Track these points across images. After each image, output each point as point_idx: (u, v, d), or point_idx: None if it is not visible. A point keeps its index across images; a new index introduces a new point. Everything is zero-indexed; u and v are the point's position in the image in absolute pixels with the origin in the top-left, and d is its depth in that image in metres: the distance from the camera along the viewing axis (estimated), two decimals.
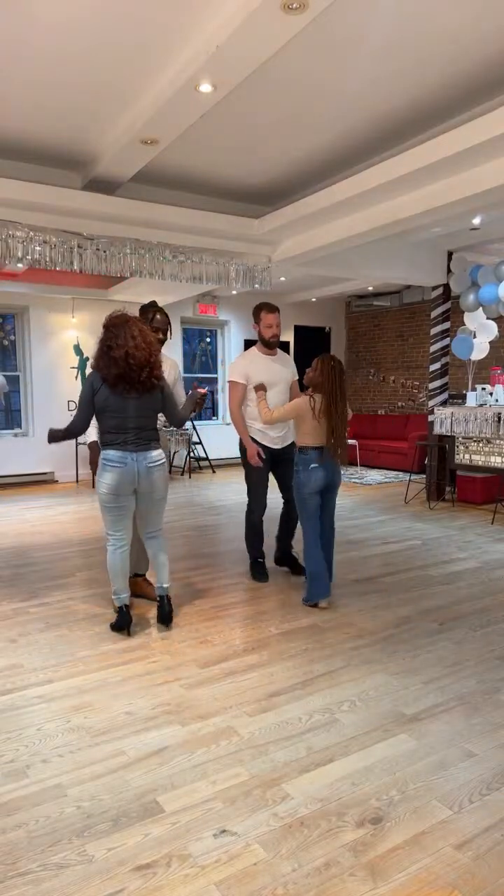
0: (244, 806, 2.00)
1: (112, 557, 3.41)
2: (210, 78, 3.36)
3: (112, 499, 3.29)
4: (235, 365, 4.25)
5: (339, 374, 3.76)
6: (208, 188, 5.54)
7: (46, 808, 2.01)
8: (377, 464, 9.99)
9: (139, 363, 3.18)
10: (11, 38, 3.25)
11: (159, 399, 3.37)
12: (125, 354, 3.15)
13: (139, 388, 3.25)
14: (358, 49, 3.36)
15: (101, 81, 3.70)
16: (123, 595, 3.42)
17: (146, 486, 3.32)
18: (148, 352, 3.22)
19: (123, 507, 3.33)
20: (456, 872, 1.72)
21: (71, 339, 9.27)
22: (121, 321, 3.23)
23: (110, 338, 3.20)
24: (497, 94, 3.93)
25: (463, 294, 6.92)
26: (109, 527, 3.39)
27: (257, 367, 4.20)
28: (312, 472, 3.78)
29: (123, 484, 3.27)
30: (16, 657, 3.15)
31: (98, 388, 3.27)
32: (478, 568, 4.59)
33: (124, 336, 3.17)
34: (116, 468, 3.25)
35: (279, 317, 4.28)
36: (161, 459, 3.38)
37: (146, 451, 3.32)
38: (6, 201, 4.85)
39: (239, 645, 3.26)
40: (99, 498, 3.35)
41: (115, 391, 3.24)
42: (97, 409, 3.30)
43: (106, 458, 3.29)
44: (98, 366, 3.24)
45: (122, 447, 3.27)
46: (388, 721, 2.50)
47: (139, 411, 3.29)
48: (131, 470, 3.27)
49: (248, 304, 10.50)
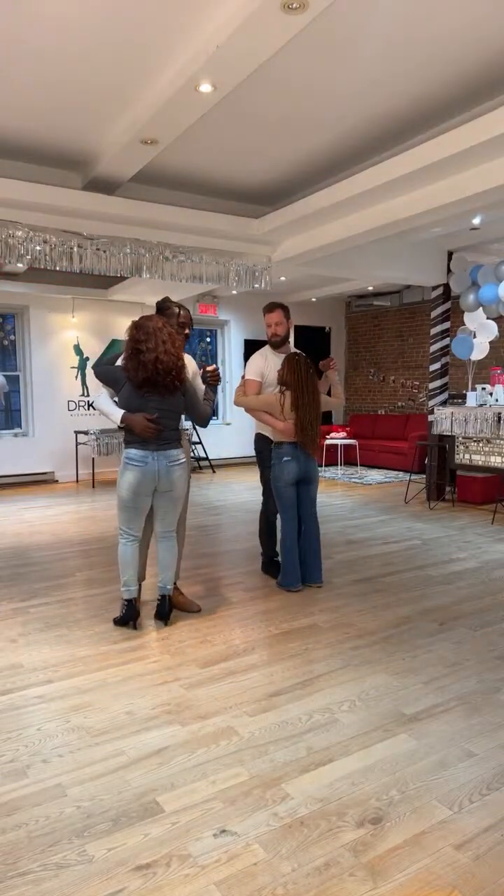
0: (244, 806, 2.00)
1: (123, 549, 3.45)
2: (210, 78, 3.37)
3: (132, 497, 3.33)
4: (252, 363, 4.27)
5: (304, 370, 3.96)
6: (208, 188, 5.54)
7: (46, 808, 2.01)
8: (377, 464, 10.00)
9: (167, 368, 3.22)
10: (11, 37, 3.25)
11: (181, 400, 3.40)
12: (155, 359, 3.19)
13: (162, 390, 3.29)
14: (358, 49, 3.36)
15: (101, 81, 3.70)
16: (133, 587, 3.45)
17: (166, 484, 3.36)
18: (176, 356, 3.26)
19: (140, 506, 3.38)
20: (456, 872, 1.72)
21: (71, 339, 9.28)
22: (152, 325, 3.25)
23: (140, 341, 3.22)
24: (497, 94, 3.93)
25: (463, 294, 6.92)
26: (125, 524, 3.42)
27: (270, 365, 4.23)
28: (286, 464, 4.02)
29: (144, 483, 3.31)
30: (16, 657, 3.15)
31: (122, 385, 3.33)
32: (478, 568, 4.59)
33: (155, 341, 3.20)
34: (138, 467, 3.29)
35: (282, 314, 4.21)
36: (182, 459, 3.42)
37: (167, 450, 3.35)
38: (6, 201, 4.85)
39: (239, 645, 3.26)
40: (118, 495, 3.38)
41: (138, 392, 3.29)
42: (120, 405, 3.36)
43: (128, 457, 3.33)
44: (126, 367, 3.28)
45: (143, 446, 3.31)
46: (388, 721, 2.50)
47: (160, 411, 3.32)
48: (152, 469, 3.31)
49: (248, 304, 10.51)
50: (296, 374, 3.94)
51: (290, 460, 4.01)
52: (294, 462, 4.02)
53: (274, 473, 4.10)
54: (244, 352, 10.70)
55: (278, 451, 4.07)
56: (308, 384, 3.96)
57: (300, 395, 3.93)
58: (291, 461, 4.01)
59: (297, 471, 4.03)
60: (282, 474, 4.04)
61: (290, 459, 4.01)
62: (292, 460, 4.01)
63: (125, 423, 3.30)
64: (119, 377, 3.35)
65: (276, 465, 4.08)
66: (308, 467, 4.07)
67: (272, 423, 4.04)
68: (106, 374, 3.42)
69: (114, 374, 3.38)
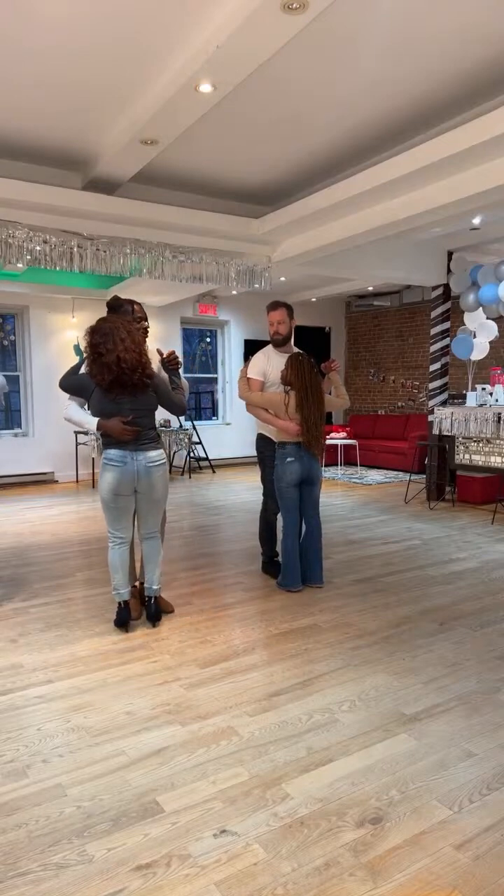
0: (244, 806, 2.00)
1: (112, 554, 3.44)
2: (210, 78, 3.37)
3: (112, 498, 3.32)
4: (254, 362, 4.27)
5: (308, 370, 3.97)
6: (208, 188, 5.54)
7: (46, 808, 2.01)
8: (377, 464, 9.99)
9: (131, 366, 3.20)
10: (11, 37, 3.25)
11: (153, 398, 3.39)
12: (117, 359, 3.16)
13: (132, 389, 3.27)
14: (358, 49, 3.36)
15: (101, 81, 3.70)
16: (123, 591, 3.45)
17: (145, 485, 3.34)
18: (138, 353, 3.23)
19: (123, 506, 3.36)
20: (456, 872, 1.72)
21: (71, 339, 9.27)
22: (108, 326, 3.22)
23: (99, 343, 3.19)
24: (497, 94, 3.93)
25: (463, 294, 6.92)
26: (110, 525, 3.42)
27: (272, 364, 4.22)
28: (289, 465, 4.02)
29: (124, 483, 3.29)
30: (16, 657, 3.15)
31: (91, 392, 3.31)
32: (478, 568, 4.59)
33: (113, 340, 3.17)
34: (117, 467, 3.28)
35: (285, 313, 4.20)
36: (161, 459, 3.40)
37: (145, 450, 3.34)
38: (6, 201, 4.85)
39: (239, 645, 3.26)
40: (100, 496, 3.38)
41: (109, 396, 3.27)
42: (93, 412, 3.34)
43: (107, 458, 3.32)
44: (91, 372, 3.25)
45: (121, 446, 3.30)
46: (388, 721, 2.50)
47: (134, 412, 3.31)
48: (131, 469, 3.30)
49: (248, 304, 10.51)
50: (299, 375, 3.94)
51: (293, 461, 4.00)
52: (297, 463, 4.01)
53: (277, 473, 4.09)
54: (244, 352, 10.70)
55: (282, 451, 4.05)
56: (312, 384, 3.96)
57: (304, 395, 3.93)
58: (295, 462, 4.00)
59: (301, 472, 4.03)
60: (284, 475, 4.04)
61: (294, 460, 4.00)
62: (296, 461, 4.00)
63: (101, 430, 3.28)
64: (86, 384, 3.32)
65: (279, 465, 4.07)
66: (311, 468, 4.06)
67: (272, 422, 4.04)
68: (72, 384, 3.38)
69: (80, 382, 3.34)
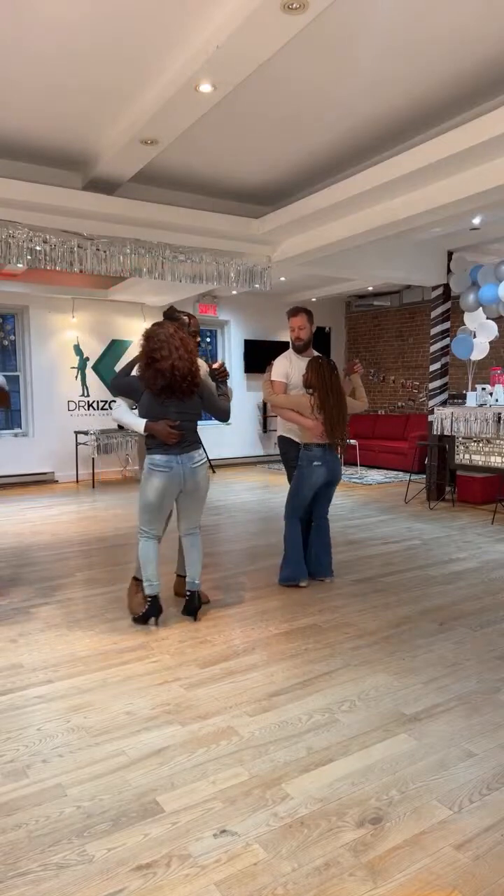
0: (244, 806, 2.00)
1: (145, 546, 3.50)
2: (210, 78, 3.37)
3: (158, 501, 3.41)
4: (277, 365, 4.34)
5: (328, 372, 4.03)
6: (208, 188, 5.54)
7: (46, 808, 2.01)
8: (377, 464, 9.99)
9: (183, 374, 3.28)
10: (12, 38, 3.25)
11: (198, 403, 3.49)
12: (171, 367, 3.25)
13: (180, 395, 3.36)
14: (358, 49, 3.36)
15: (101, 82, 3.70)
16: (156, 583, 3.51)
17: (191, 485, 3.45)
18: (190, 362, 3.31)
19: (165, 507, 3.46)
20: (456, 872, 1.72)
21: (71, 339, 9.28)
22: (165, 333, 3.30)
23: (154, 350, 3.27)
24: (497, 94, 3.93)
25: (463, 294, 6.92)
26: (146, 524, 3.49)
27: (294, 368, 4.29)
28: (315, 469, 4.06)
29: (171, 486, 3.39)
30: (16, 657, 3.15)
31: (140, 395, 3.40)
32: (478, 568, 4.59)
33: (168, 348, 3.26)
34: (164, 472, 3.36)
35: (305, 319, 4.31)
36: (203, 460, 3.51)
37: (190, 452, 3.42)
38: (6, 201, 4.85)
39: (239, 645, 3.26)
40: (144, 499, 3.43)
41: (157, 399, 3.36)
42: (141, 413, 3.43)
43: (153, 463, 3.38)
44: (143, 376, 3.34)
45: (166, 451, 3.37)
46: (388, 721, 2.50)
47: (180, 416, 3.39)
48: (178, 473, 3.38)
49: (248, 305, 10.51)
50: (320, 377, 4.00)
51: (319, 465, 4.05)
52: (324, 467, 4.06)
53: (301, 475, 4.11)
54: (244, 352, 10.70)
55: (307, 453, 4.09)
56: (333, 385, 4.01)
57: (326, 396, 3.98)
58: (322, 467, 4.06)
59: (326, 475, 4.09)
60: (310, 478, 4.08)
61: (321, 465, 4.05)
62: (322, 466, 4.06)
63: (148, 432, 3.38)
64: (137, 387, 3.41)
65: (304, 468, 4.09)
66: (335, 470, 4.13)
67: (300, 422, 4.07)
68: (124, 387, 3.49)
69: (132, 385, 3.44)
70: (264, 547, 5.26)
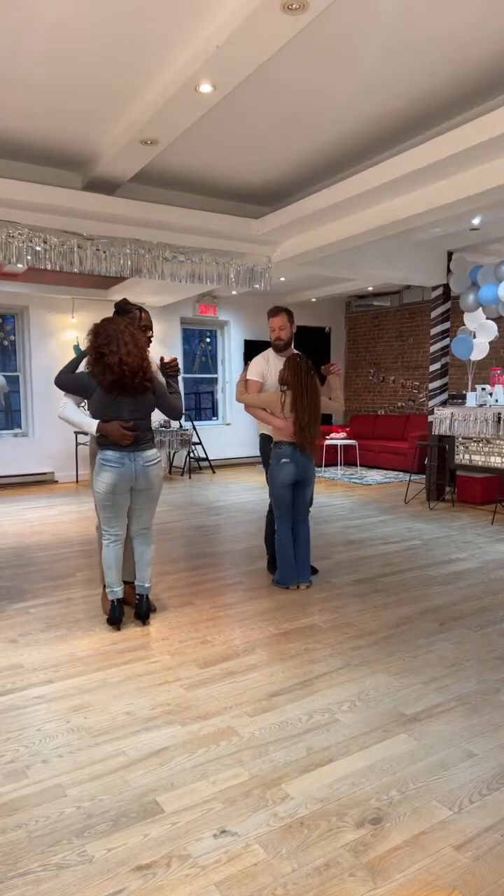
0: (244, 806, 2.00)
1: (107, 552, 3.46)
2: (210, 78, 3.37)
3: (109, 497, 3.35)
4: (254, 364, 4.31)
5: (305, 372, 4.00)
6: (208, 188, 5.54)
7: (46, 809, 2.01)
8: (377, 464, 9.99)
9: (133, 369, 3.23)
10: (11, 38, 3.25)
11: (152, 400, 3.43)
12: (119, 361, 3.20)
13: (132, 391, 3.31)
14: (358, 49, 3.36)
15: (101, 82, 3.70)
16: (116, 588, 3.47)
17: (143, 483, 3.39)
18: (140, 357, 3.27)
19: (119, 504, 3.39)
20: (456, 873, 1.72)
21: (71, 339, 9.27)
22: (113, 328, 3.25)
23: (102, 344, 3.22)
24: (497, 94, 3.93)
25: (463, 294, 6.92)
26: (105, 523, 3.44)
27: (272, 367, 4.27)
28: (283, 466, 4.05)
29: (121, 483, 3.33)
30: (16, 657, 3.15)
31: (92, 391, 3.33)
32: (478, 568, 4.59)
33: (117, 343, 3.20)
34: (114, 468, 3.31)
35: (286, 319, 4.23)
36: (157, 458, 3.46)
37: (143, 451, 3.38)
38: (6, 201, 4.85)
39: (239, 645, 3.26)
40: (96, 496, 3.40)
41: (108, 395, 3.30)
42: (92, 411, 3.37)
43: (104, 458, 3.34)
44: (93, 371, 3.28)
45: (119, 448, 3.33)
46: (388, 721, 2.50)
47: (133, 413, 3.34)
48: (129, 470, 3.33)
49: (248, 305, 10.51)
50: (296, 375, 3.98)
51: (287, 462, 4.03)
52: (292, 464, 4.03)
53: (271, 473, 4.13)
54: (244, 352, 10.69)
55: (277, 451, 4.09)
56: (308, 385, 3.98)
57: (300, 395, 3.96)
58: (290, 463, 4.03)
59: (295, 473, 4.05)
60: (279, 476, 4.07)
61: (289, 462, 4.03)
62: (290, 462, 4.03)
63: (101, 433, 3.30)
64: (87, 383, 3.32)
65: (274, 465, 4.10)
66: (306, 469, 4.08)
67: (270, 421, 4.06)
68: (71, 382, 3.37)
69: (81, 381, 3.35)
70: (264, 547, 5.25)
